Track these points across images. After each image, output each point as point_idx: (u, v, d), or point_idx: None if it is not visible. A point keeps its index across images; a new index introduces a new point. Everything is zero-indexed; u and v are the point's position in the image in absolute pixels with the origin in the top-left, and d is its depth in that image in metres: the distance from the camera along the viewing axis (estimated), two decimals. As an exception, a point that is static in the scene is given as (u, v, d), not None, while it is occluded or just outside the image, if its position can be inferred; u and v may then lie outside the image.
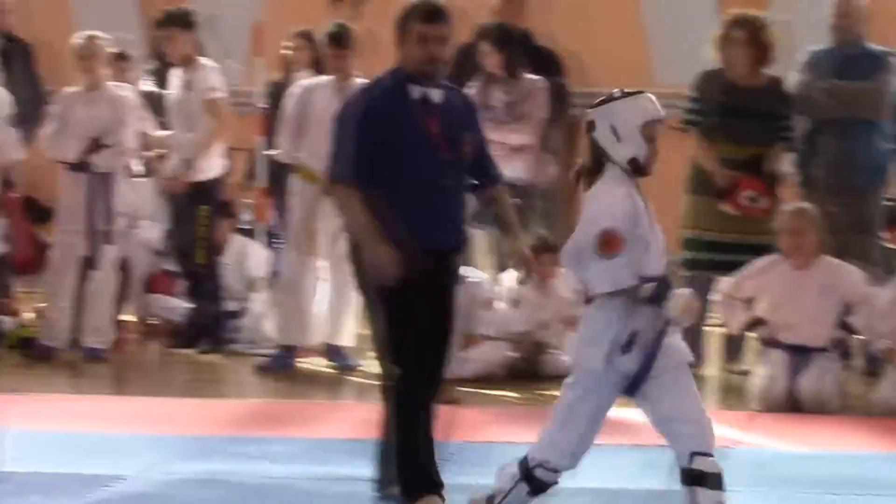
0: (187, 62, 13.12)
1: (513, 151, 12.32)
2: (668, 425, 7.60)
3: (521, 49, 12.88)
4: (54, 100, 13.12)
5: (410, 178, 8.10)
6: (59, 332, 12.74)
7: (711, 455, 7.50)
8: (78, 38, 12.89)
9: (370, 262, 7.93)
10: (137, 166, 13.16)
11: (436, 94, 8.03)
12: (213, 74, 13.02)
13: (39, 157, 13.26)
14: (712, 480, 7.43)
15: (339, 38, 12.23)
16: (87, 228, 12.63)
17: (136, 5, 17.55)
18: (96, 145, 12.54)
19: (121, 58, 13.55)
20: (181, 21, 13.25)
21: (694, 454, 7.44)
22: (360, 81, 11.85)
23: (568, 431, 7.78)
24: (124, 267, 13.31)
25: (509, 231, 8.52)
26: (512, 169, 11.87)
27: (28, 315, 13.36)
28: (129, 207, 12.77)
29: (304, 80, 12.59)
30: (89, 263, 12.66)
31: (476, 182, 8.33)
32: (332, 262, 12.31)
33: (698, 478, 7.40)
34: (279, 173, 12.98)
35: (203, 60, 13.16)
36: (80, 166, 12.63)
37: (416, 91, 7.95)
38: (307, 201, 12.27)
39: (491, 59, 12.62)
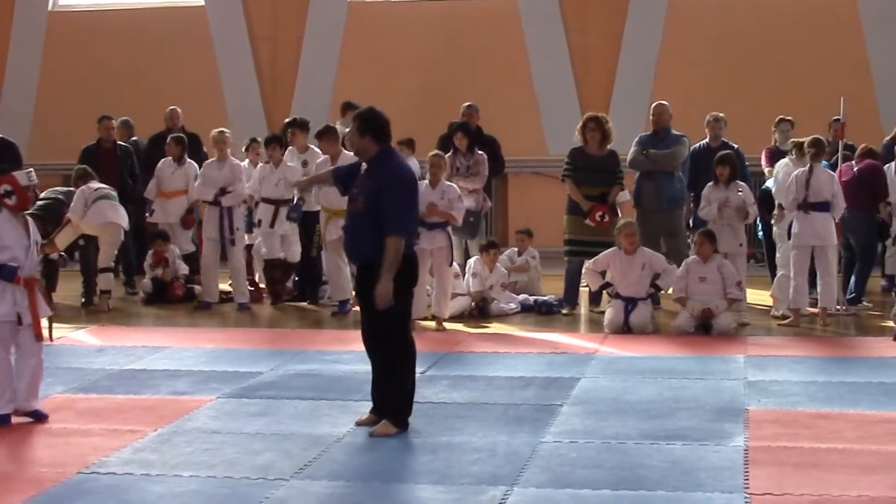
0: (304, 149, 12.75)
1: (469, 193, 12.39)
2: None
3: (475, 136, 13.03)
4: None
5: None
6: (213, 294, 12.61)
7: None
8: (213, 132, 12.72)
9: None
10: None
11: (364, 169, 7.38)
12: (317, 156, 12.46)
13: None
14: None
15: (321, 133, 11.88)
16: (219, 236, 12.44)
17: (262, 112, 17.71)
18: (223, 192, 12.36)
19: (254, 142, 13.31)
20: (300, 125, 12.92)
21: None
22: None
23: None
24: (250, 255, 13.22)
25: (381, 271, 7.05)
26: (469, 201, 12.16)
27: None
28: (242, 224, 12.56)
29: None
30: (224, 255, 12.47)
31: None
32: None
33: None
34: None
35: (313, 147, 12.66)
36: (214, 203, 12.43)
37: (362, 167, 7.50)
38: (325, 225, 11.81)
39: (461, 142, 12.66)
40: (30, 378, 7.60)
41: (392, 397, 7.35)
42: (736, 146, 12.68)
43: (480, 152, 12.75)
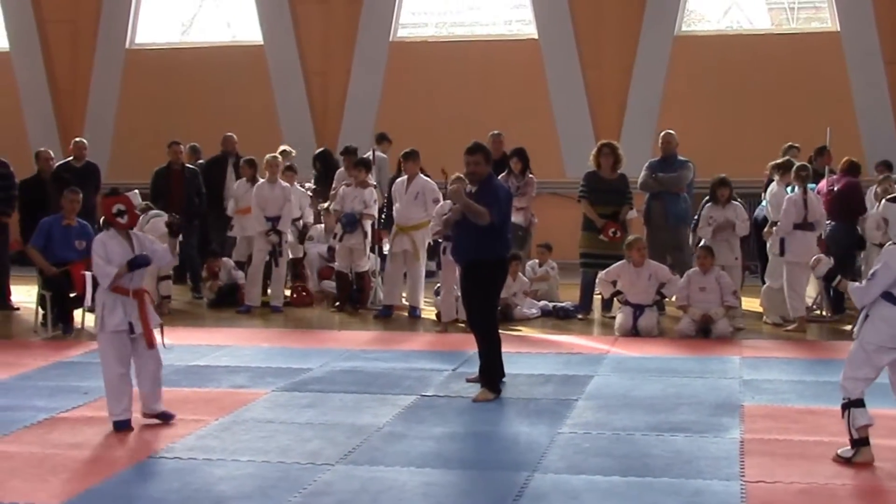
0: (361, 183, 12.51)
1: (518, 210, 12.12)
2: None
3: (527, 161, 12.82)
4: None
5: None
6: (255, 299, 12.58)
7: None
8: (267, 156, 12.69)
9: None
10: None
11: (473, 189, 8.10)
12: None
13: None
14: None
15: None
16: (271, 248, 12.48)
17: (314, 139, 17.67)
18: (274, 226, 12.40)
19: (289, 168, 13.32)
20: (352, 155, 12.97)
21: None
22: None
23: None
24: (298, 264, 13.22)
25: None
26: (517, 217, 11.91)
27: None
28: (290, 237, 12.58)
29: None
30: (271, 264, 12.51)
31: None
32: (407, 262, 11.98)
33: None
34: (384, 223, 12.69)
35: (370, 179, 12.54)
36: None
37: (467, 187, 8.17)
38: (392, 239, 11.97)
39: (515, 165, 12.46)
40: (150, 382, 7.37)
41: (484, 368, 8.15)
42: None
43: (531, 175, 12.60)
